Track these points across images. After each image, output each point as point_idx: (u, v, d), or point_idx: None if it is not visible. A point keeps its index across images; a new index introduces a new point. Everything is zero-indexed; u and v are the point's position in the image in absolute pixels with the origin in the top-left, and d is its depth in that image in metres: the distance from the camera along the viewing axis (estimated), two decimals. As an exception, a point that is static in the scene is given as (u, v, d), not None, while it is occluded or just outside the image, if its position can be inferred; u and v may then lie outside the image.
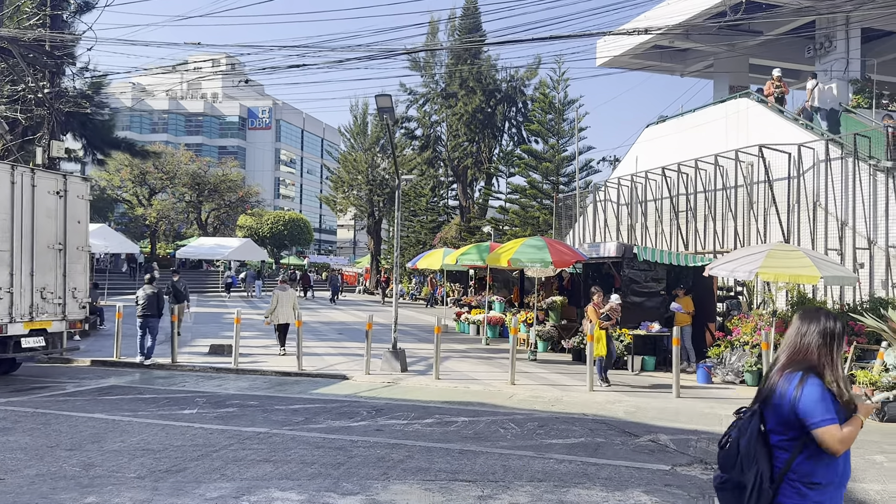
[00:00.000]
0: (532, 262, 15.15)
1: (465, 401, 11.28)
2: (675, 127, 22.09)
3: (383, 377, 13.34)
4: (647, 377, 14.62)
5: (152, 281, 15.02)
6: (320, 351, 17.00)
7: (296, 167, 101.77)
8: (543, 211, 34.13)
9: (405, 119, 45.81)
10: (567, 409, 10.77)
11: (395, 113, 46.33)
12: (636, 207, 23.03)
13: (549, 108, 35.14)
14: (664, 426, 9.78)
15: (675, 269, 16.48)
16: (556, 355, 17.61)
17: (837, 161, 15.62)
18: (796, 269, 12.53)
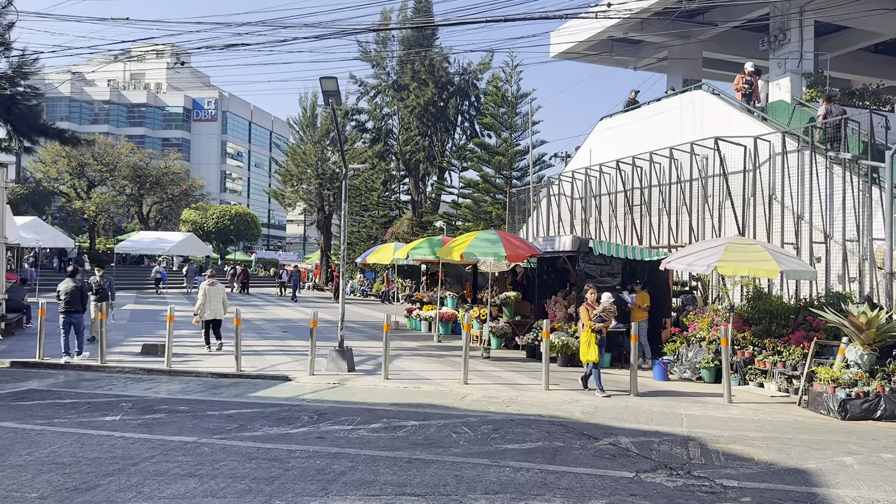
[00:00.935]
0: (485, 256, 14.56)
1: (416, 402, 10.62)
2: (630, 119, 21.78)
3: (329, 378, 12.57)
4: (603, 374, 14.14)
5: (75, 274, 13.95)
6: (262, 350, 16.12)
7: (243, 160, 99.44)
8: (496, 205, 33.65)
9: (355, 111, 44.80)
10: (523, 410, 10.20)
11: (346, 105, 45.31)
12: (590, 201, 22.68)
13: (501, 102, 34.65)
14: (624, 427, 9.29)
15: (631, 264, 16.12)
16: (510, 352, 17.10)
17: (794, 154, 15.44)
18: (755, 262, 12.24)
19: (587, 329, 11.57)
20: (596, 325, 11.56)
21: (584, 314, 11.72)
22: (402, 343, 18.18)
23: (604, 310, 11.69)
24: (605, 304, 11.80)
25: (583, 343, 11.63)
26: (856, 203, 13.85)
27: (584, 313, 11.72)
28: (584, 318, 11.69)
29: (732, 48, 23.65)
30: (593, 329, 11.56)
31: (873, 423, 10.03)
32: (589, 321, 11.56)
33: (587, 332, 11.56)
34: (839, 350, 11.23)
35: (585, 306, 11.80)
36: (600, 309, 11.69)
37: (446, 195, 41.02)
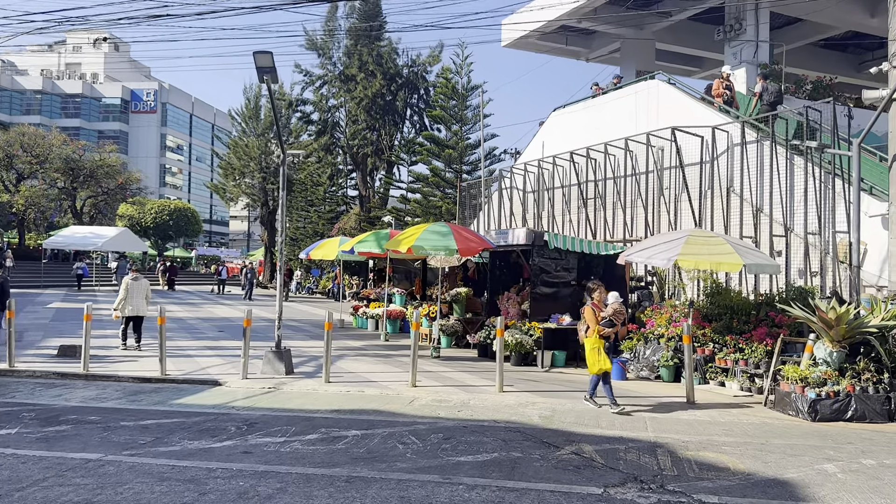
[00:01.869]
0: (435, 249, 13.68)
1: (359, 408, 9.67)
2: (584, 110, 21.19)
3: (264, 382, 11.50)
4: (558, 374, 13.49)
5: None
6: (194, 352, 14.91)
7: (184, 154, 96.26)
8: (446, 200, 32.81)
9: (300, 102, 43.35)
10: (476, 416, 9.35)
11: (291, 96, 43.88)
12: (543, 195, 22.02)
13: (452, 94, 33.80)
14: (586, 433, 8.53)
15: (586, 259, 15.47)
16: (461, 351, 16.28)
17: (753, 144, 14.99)
18: (717, 255, 11.65)
19: (594, 335, 10.01)
20: (605, 330, 10.00)
21: (590, 317, 10.07)
22: (346, 342, 17.18)
23: (614, 312, 10.17)
24: (615, 305, 10.29)
25: (589, 350, 10.00)
26: (818, 195, 13.45)
27: (590, 316, 10.08)
28: (590, 321, 10.04)
29: (686, 40, 23.33)
30: (602, 335, 10.01)
31: (845, 425, 9.51)
32: (597, 325, 9.99)
33: (594, 337, 9.97)
34: (806, 347, 10.72)
35: (591, 307, 10.18)
36: (609, 311, 10.17)
37: (395, 190, 40.01)
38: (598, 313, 10.10)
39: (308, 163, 44.18)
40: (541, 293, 14.59)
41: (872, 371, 9.87)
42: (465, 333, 16.55)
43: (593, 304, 10.22)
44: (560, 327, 14.27)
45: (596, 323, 10.00)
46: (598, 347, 9.95)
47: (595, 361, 9.92)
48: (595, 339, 9.97)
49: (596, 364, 9.92)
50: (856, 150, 10.84)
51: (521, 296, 15.51)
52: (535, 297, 14.56)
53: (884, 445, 8.35)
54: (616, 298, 10.45)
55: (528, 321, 14.49)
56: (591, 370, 10.01)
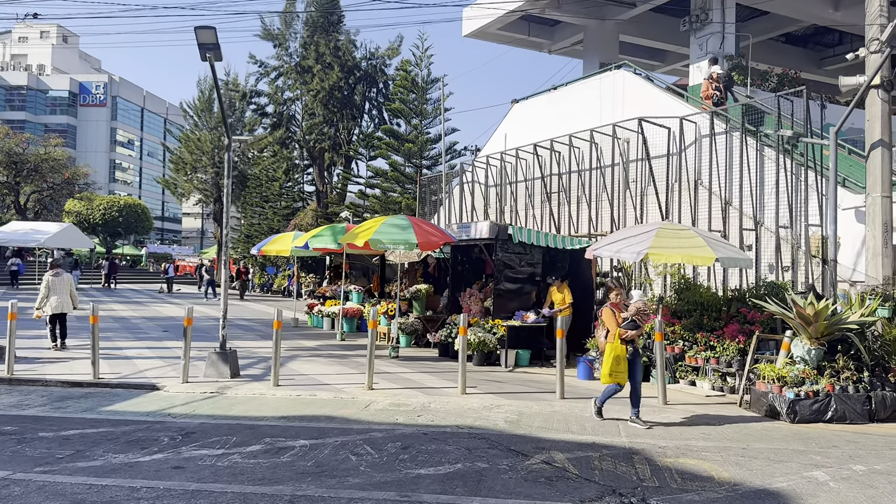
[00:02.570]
0: (394, 243, 12.91)
1: (309, 415, 8.86)
2: (548, 102, 20.62)
3: (206, 386, 10.60)
4: (523, 374, 12.85)
5: None
6: (133, 353, 13.89)
7: (135, 149, 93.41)
8: (406, 196, 31.99)
9: (255, 93, 42.00)
10: (437, 421, 8.63)
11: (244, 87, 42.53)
12: (506, 188, 21.39)
13: (411, 87, 32.96)
14: (556, 439, 7.88)
15: (551, 254, 14.87)
16: (421, 351, 15.54)
17: (722, 136, 14.56)
18: (689, 249, 11.12)
19: (614, 339, 8.62)
20: (628, 333, 8.66)
21: (609, 319, 8.76)
22: (300, 342, 16.30)
23: (637, 312, 8.78)
24: (638, 304, 8.91)
25: (608, 359, 8.62)
26: (789, 187, 13.05)
27: (609, 318, 8.77)
28: (609, 324, 8.75)
29: (650, 32, 22.96)
30: (624, 339, 8.62)
31: (825, 426, 9.04)
32: (618, 328, 8.66)
33: (615, 343, 8.60)
34: (782, 345, 10.26)
35: (610, 308, 8.89)
36: (632, 311, 8.79)
37: (353, 185, 38.96)
38: (618, 315, 8.78)
39: (263, 157, 42.91)
40: (504, 289, 13.94)
41: (852, 369, 9.43)
42: (425, 332, 15.82)
43: (612, 305, 8.91)
44: (525, 325, 13.64)
45: (616, 326, 8.66)
46: (620, 355, 8.56)
47: (614, 370, 8.55)
48: (617, 345, 8.58)
49: (614, 373, 8.56)
50: (832, 140, 10.43)
51: (483, 292, 14.84)
52: (498, 293, 13.91)
53: (870, 449, 7.87)
54: (640, 297, 9.15)
55: (491, 319, 13.83)
56: (605, 378, 8.65)
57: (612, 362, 8.55)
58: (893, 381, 9.50)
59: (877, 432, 8.75)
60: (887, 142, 10.34)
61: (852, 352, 9.65)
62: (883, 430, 8.87)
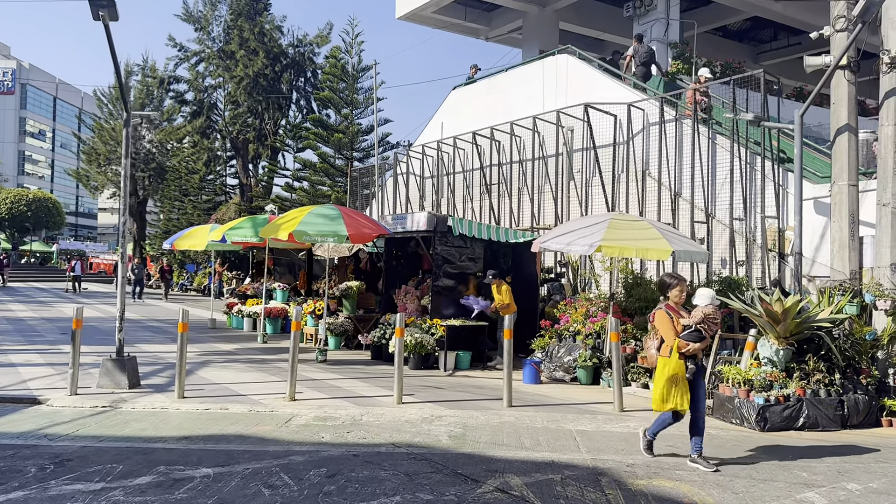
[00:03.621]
0: (322, 235, 11.59)
1: (217, 434, 7.50)
2: (487, 88, 19.58)
3: (99, 399, 9.06)
4: (464, 378, 11.76)
5: None
6: (21, 360, 12.11)
7: (46, 140, 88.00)
8: (337, 189, 30.49)
9: (173, 79, 39.59)
10: (370, 438, 7.40)
11: (162, 73, 40.06)
12: (443, 180, 20.26)
13: (341, 74, 31.45)
14: (509, 458, 6.78)
15: (493, 248, 13.83)
16: (352, 353, 14.26)
17: (671, 124, 13.81)
18: (643, 241, 10.26)
19: (672, 353, 6.49)
20: (690, 345, 6.47)
21: (664, 325, 6.59)
22: (216, 346, 14.76)
23: (704, 319, 6.54)
24: (707, 309, 6.59)
25: (661, 378, 6.55)
26: (744, 177, 12.36)
27: (664, 324, 6.60)
28: (665, 332, 6.57)
29: (591, 21, 22.27)
30: (684, 353, 6.49)
31: (798, 434, 8.25)
32: (675, 338, 6.50)
33: (672, 358, 6.47)
34: (746, 345, 9.46)
35: (665, 311, 6.66)
36: (697, 317, 6.55)
37: (280, 178, 37.12)
38: (677, 320, 6.60)
39: (182, 148, 40.51)
40: (443, 286, 12.80)
41: (823, 371, 8.67)
42: (356, 333, 14.54)
43: (668, 307, 6.70)
44: (465, 324, 12.54)
45: (674, 335, 6.50)
46: (678, 374, 6.45)
47: (669, 394, 6.50)
48: (674, 361, 6.45)
49: (669, 397, 6.51)
50: (797, 124, 9.71)
51: (420, 289, 13.68)
52: (436, 290, 12.76)
53: (856, 463, 7.07)
54: (710, 299, 6.68)
55: (429, 318, 12.68)
56: (658, 404, 6.61)
57: (666, 383, 6.48)
58: (865, 384, 8.80)
59: (855, 441, 8.00)
60: (854, 126, 9.70)
61: (822, 352, 8.91)
62: (860, 438, 8.14)
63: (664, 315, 6.64)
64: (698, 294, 6.76)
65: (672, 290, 6.75)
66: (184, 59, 37.98)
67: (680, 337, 6.50)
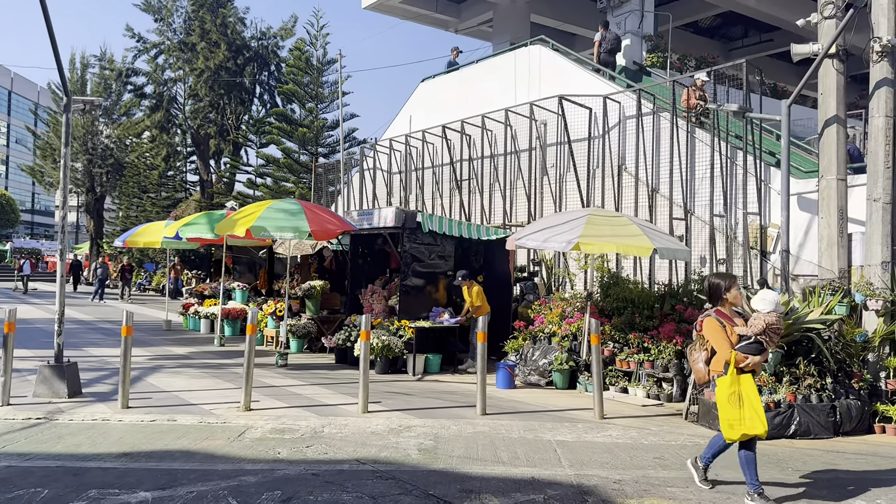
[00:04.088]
0: (281, 230, 10.84)
1: (161, 449, 6.74)
2: (458, 81, 18.96)
3: (33, 409, 8.22)
4: (434, 383, 11.12)
5: None
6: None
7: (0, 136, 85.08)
8: (301, 185, 29.61)
9: (132, 72, 38.22)
10: (332, 453, 6.72)
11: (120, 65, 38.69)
12: (411, 176, 19.58)
13: (306, 67, 30.54)
14: (486, 474, 6.16)
15: (464, 245, 13.21)
16: (315, 357, 13.52)
17: (649, 117, 13.33)
18: (624, 238, 9.76)
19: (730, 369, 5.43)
20: (749, 359, 5.44)
21: (716, 335, 5.52)
22: (169, 349, 13.91)
23: (767, 328, 5.43)
24: (769, 317, 5.46)
25: (724, 394, 5.43)
26: (724, 172, 11.92)
27: (715, 333, 5.52)
28: (717, 342, 5.51)
29: (563, 13, 21.80)
30: (742, 368, 5.45)
31: (789, 443, 7.77)
32: (732, 350, 5.44)
33: (730, 374, 5.41)
34: (732, 347, 8.93)
35: (716, 318, 5.58)
36: (758, 327, 5.44)
37: (242, 174, 36.02)
38: (730, 328, 5.52)
39: (141, 143, 39.15)
40: (412, 286, 12.14)
41: (815, 375, 8.20)
42: (320, 335, 13.79)
43: (718, 314, 5.60)
44: (436, 325, 11.90)
45: (729, 347, 5.44)
46: (741, 393, 5.38)
47: (735, 417, 5.36)
48: (732, 378, 5.39)
49: (738, 422, 5.35)
50: (784, 114, 9.25)
51: (388, 289, 13.00)
52: (405, 290, 12.09)
53: (859, 474, 6.59)
54: (773, 305, 5.53)
55: (396, 319, 12.00)
56: (728, 432, 5.45)
57: (728, 405, 5.38)
58: (858, 388, 8.36)
59: (851, 449, 7.53)
60: (842, 118, 9.29)
61: (812, 355, 8.45)
62: (854, 446, 7.68)
63: (715, 323, 5.52)
64: (759, 298, 5.64)
65: (728, 293, 5.64)
66: (143, 50, 36.67)
67: (736, 349, 5.43)
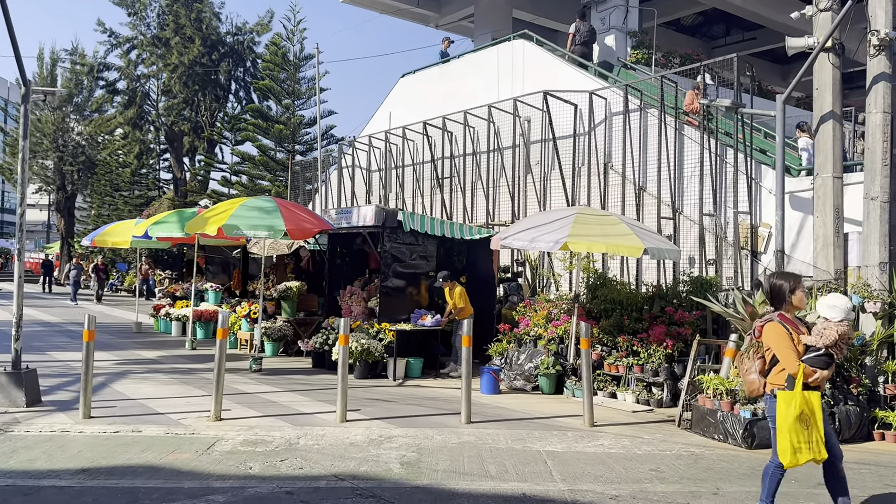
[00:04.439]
0: (255, 229, 10.34)
1: (123, 464, 6.24)
2: (439, 76, 18.52)
3: (-16, 421, 7.65)
4: (415, 388, 10.69)
5: None
6: None
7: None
8: (277, 183, 29.00)
9: (104, 67, 37.27)
10: (308, 468, 6.26)
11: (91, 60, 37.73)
12: (391, 174, 19.10)
13: (282, 63, 29.93)
14: (473, 491, 5.74)
15: (446, 245, 12.79)
16: (292, 361, 13.03)
17: (636, 114, 12.99)
18: (613, 237, 9.41)
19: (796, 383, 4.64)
20: (818, 373, 4.69)
21: (780, 344, 4.75)
22: (138, 353, 13.32)
23: (838, 340, 4.73)
24: (842, 327, 4.78)
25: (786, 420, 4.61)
26: (713, 170, 11.61)
27: (780, 341, 4.76)
28: (782, 352, 4.73)
29: (545, 9, 21.45)
30: (810, 384, 4.70)
31: (789, 451, 7.41)
32: (799, 363, 4.67)
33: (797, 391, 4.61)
34: (726, 352, 8.62)
35: (780, 324, 4.81)
36: (830, 338, 4.73)
37: (217, 172, 35.26)
38: (797, 337, 4.77)
39: (113, 140, 38.22)
40: (393, 287, 11.69)
41: (814, 380, 7.86)
42: (296, 338, 13.29)
43: (783, 319, 4.84)
44: (417, 328, 11.46)
45: (797, 358, 4.66)
46: (809, 413, 4.60)
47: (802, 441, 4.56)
48: (799, 394, 4.59)
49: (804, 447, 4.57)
50: (779, 109, 8.95)
51: (367, 290, 12.54)
52: (385, 291, 11.65)
53: (867, 489, 6.25)
54: (845, 313, 4.82)
55: (377, 322, 11.55)
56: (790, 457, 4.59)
57: (794, 425, 4.55)
58: (856, 394, 8.05)
59: (852, 458, 7.19)
60: (839, 114, 9.01)
61: (811, 359, 8.12)
62: (857, 455, 7.36)
63: (781, 330, 4.71)
64: (828, 305, 4.86)
65: (793, 296, 4.87)
66: (115, 45, 35.76)
67: (804, 360, 4.67)
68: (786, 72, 26.29)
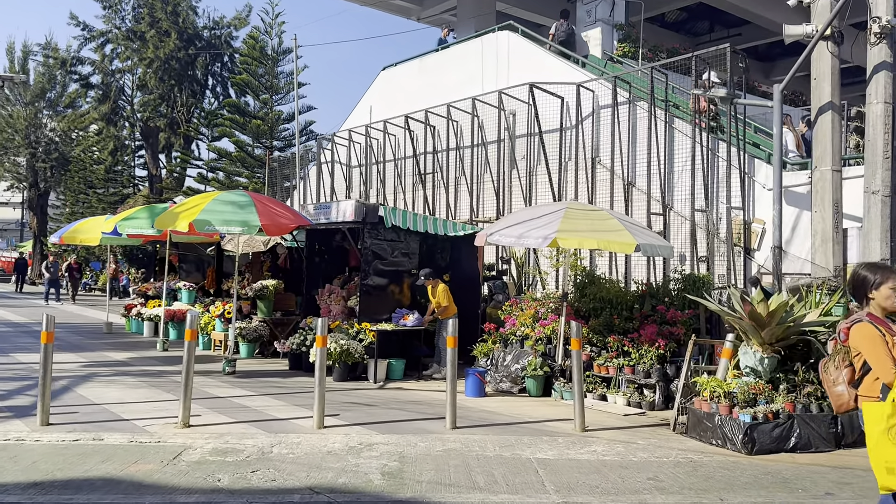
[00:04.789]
0: (227, 224, 9.82)
1: (80, 477, 5.74)
2: (420, 69, 18.06)
3: (-69, 430, 7.09)
4: (397, 391, 10.24)
5: None
6: None
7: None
8: (255, 180, 28.37)
9: (77, 61, 36.35)
10: (281, 479, 5.79)
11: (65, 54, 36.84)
12: (371, 169, 18.62)
13: (260, 56, 29.28)
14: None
15: (429, 241, 12.33)
16: (268, 362, 12.52)
17: (624, 107, 12.63)
18: (604, 233, 9.04)
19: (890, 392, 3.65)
20: None
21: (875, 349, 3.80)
22: (106, 354, 12.74)
23: None
24: None
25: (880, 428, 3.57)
26: (705, 165, 11.27)
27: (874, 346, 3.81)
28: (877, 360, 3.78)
29: (528, 3, 21.07)
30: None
31: (790, 457, 7.07)
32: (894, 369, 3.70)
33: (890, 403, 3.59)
34: (723, 352, 8.27)
35: (871, 325, 3.87)
36: None
37: (193, 169, 34.52)
38: (891, 340, 3.85)
39: (87, 136, 37.32)
40: (374, 285, 11.23)
41: (815, 383, 7.54)
42: (272, 339, 12.79)
43: (873, 318, 3.95)
44: (398, 328, 11.01)
45: (893, 364, 3.75)
46: None
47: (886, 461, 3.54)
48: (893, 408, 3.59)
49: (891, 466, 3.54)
50: (776, 98, 8.61)
51: (347, 289, 12.07)
52: (366, 290, 11.18)
53: (877, 495, 5.88)
54: None
55: (356, 322, 11.08)
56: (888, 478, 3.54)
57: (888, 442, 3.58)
58: (859, 395, 7.70)
59: (859, 465, 6.85)
60: (837, 105, 8.69)
61: (811, 360, 7.80)
62: (862, 461, 6.92)
63: (873, 331, 3.86)
64: None
65: (877, 291, 4.01)
66: (89, 38, 34.87)
67: None
68: (769, 69, 26.15)
